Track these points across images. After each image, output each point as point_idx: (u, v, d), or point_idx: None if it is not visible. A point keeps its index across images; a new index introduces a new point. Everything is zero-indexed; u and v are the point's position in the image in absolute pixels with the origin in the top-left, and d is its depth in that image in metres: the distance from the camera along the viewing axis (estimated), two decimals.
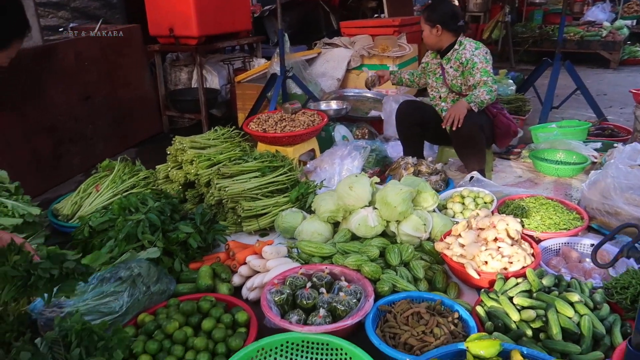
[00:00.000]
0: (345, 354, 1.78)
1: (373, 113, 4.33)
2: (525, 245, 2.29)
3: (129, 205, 2.62)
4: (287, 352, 1.83)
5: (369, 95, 4.62)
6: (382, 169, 3.43)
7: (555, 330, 1.74)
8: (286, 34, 4.21)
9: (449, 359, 1.67)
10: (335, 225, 2.71)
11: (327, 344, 1.82)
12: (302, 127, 3.31)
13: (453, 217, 2.74)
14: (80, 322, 1.67)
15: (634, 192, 2.52)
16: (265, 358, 1.79)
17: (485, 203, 2.80)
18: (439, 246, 2.34)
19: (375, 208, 2.55)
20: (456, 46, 3.18)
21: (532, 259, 2.21)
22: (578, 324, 1.77)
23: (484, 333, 1.75)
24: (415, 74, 3.52)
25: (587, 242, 2.42)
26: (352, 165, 3.30)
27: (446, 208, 2.82)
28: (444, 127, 3.00)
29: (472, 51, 3.11)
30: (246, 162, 3.04)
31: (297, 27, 6.11)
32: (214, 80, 5.02)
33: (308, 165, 3.24)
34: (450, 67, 3.19)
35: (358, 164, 3.31)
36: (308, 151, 3.44)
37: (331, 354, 1.82)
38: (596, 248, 1.10)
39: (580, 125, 3.89)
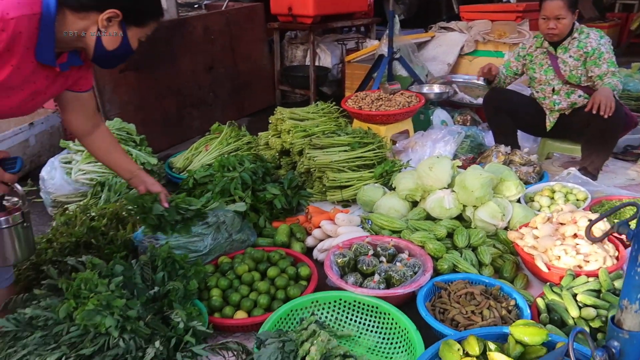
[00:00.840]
0: (392, 319, 1.88)
1: (479, 100, 4.20)
2: (609, 246, 2.16)
3: (228, 164, 2.93)
4: (338, 308, 1.98)
5: (478, 82, 4.47)
6: (475, 156, 3.36)
7: None
8: (397, 16, 4.24)
9: (491, 339, 1.68)
10: (414, 204, 2.75)
11: (377, 307, 1.93)
12: (397, 107, 3.36)
13: (539, 210, 2.63)
14: (167, 252, 1.97)
15: None
16: (318, 310, 1.96)
17: (577, 200, 2.64)
18: (512, 235, 2.29)
19: (454, 191, 2.55)
20: (576, 34, 2.97)
21: (614, 261, 2.08)
22: None
23: (532, 321, 1.72)
24: (507, 72, 3.29)
25: None
26: (444, 149, 3.28)
27: (533, 201, 2.71)
28: (588, 111, 2.68)
29: (597, 40, 2.90)
30: (338, 136, 3.20)
31: (416, 10, 6.05)
32: (326, 59, 5.23)
33: (397, 145, 3.30)
34: (570, 56, 2.98)
35: (450, 148, 3.28)
36: (402, 131, 3.48)
37: (379, 317, 1.92)
38: (592, 224, 1.05)
39: None
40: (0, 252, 1.63)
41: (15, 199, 1.67)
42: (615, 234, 2.30)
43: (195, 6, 5.11)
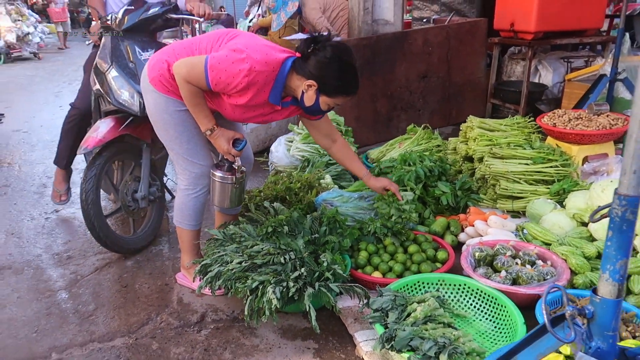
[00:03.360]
0: (507, 312, 2.03)
1: None
2: None
3: (409, 159, 3.32)
4: (462, 292, 2.20)
5: None
6: None
7: None
8: (627, 34, 3.92)
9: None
10: (584, 225, 2.69)
11: (496, 299, 2.10)
12: (595, 128, 3.22)
13: None
14: (333, 212, 2.50)
15: None
16: (443, 288, 2.22)
17: None
18: None
19: None
20: None
21: None
22: None
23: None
24: None
25: None
26: None
27: None
28: None
29: None
30: (523, 149, 3.26)
31: None
32: (547, 76, 5.08)
33: (585, 166, 3.17)
34: None
35: None
36: (600, 154, 3.31)
37: (496, 308, 2.09)
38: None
39: None
40: (222, 199, 2.38)
41: (238, 164, 2.40)
42: None
43: (424, 20, 5.58)
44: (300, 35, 5.18)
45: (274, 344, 2.10)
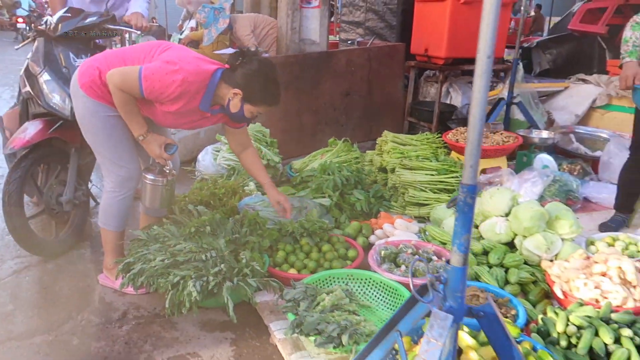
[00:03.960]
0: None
1: (597, 153, 4.20)
2: (638, 291, 2.25)
3: (329, 169, 3.59)
4: (368, 285, 2.46)
5: (604, 136, 4.44)
6: (562, 201, 3.46)
7: (580, 345, 1.86)
8: (520, 63, 4.48)
9: (474, 329, 2.00)
10: (475, 227, 3.06)
11: (396, 290, 2.37)
12: (491, 144, 3.66)
13: (593, 253, 2.73)
14: (254, 215, 2.69)
15: None
16: (351, 282, 2.47)
17: (637, 251, 2.68)
18: (545, 263, 2.50)
19: (508, 220, 2.82)
20: None
21: (634, 304, 2.18)
22: (610, 352, 1.83)
23: (510, 321, 2.01)
24: None
25: None
26: (530, 190, 3.47)
27: (592, 244, 2.81)
28: None
29: None
30: (429, 162, 3.63)
31: (565, 61, 6.05)
32: (457, 98, 5.60)
33: (481, 177, 3.58)
34: None
35: (537, 190, 3.46)
36: (493, 167, 3.74)
37: (398, 299, 2.36)
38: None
39: None
40: (153, 200, 2.52)
41: (169, 168, 2.54)
42: None
43: (349, 42, 5.96)
44: (230, 50, 5.36)
45: (194, 335, 2.24)
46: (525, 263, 2.65)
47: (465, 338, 1.82)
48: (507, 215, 2.86)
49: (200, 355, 2.11)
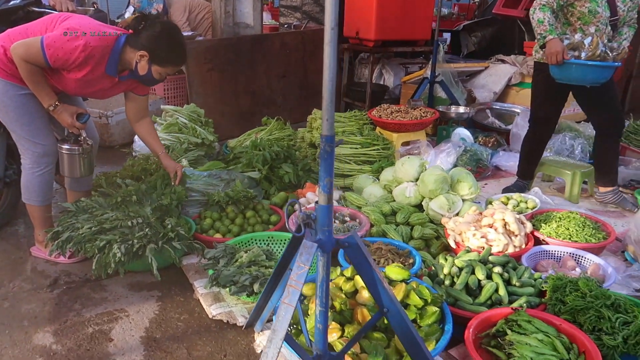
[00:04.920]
0: None
1: (510, 126, 4.59)
2: (518, 239, 2.59)
3: (259, 145, 3.79)
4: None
5: (517, 110, 4.84)
6: (473, 169, 3.81)
7: (458, 282, 2.17)
8: (441, 45, 4.80)
9: None
10: (390, 192, 3.35)
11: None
12: (410, 119, 3.96)
13: None
14: (182, 192, 2.87)
15: None
16: (272, 244, 2.69)
17: (527, 208, 3.04)
18: (443, 220, 2.81)
19: (417, 184, 3.12)
20: None
21: (514, 250, 2.52)
22: (482, 286, 2.15)
23: (402, 266, 2.29)
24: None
25: (591, 258, 2.53)
26: (445, 159, 3.80)
27: (491, 204, 3.15)
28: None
29: None
30: (354, 136, 3.89)
31: (489, 42, 6.46)
32: (390, 79, 5.90)
33: (401, 149, 3.89)
34: None
35: (451, 159, 3.79)
36: (414, 140, 4.06)
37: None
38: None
39: None
40: (72, 169, 2.63)
41: (84, 136, 2.65)
42: (540, 235, 2.73)
43: (285, 26, 6.14)
44: None
45: (122, 295, 2.41)
46: (432, 222, 2.97)
47: (361, 280, 2.08)
48: (416, 180, 3.16)
49: (127, 310, 2.29)
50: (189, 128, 4.06)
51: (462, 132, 4.33)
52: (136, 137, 4.22)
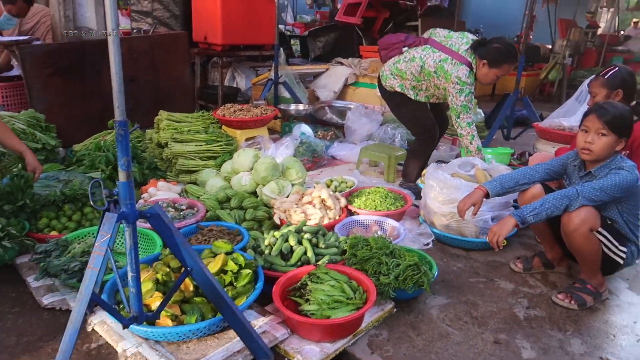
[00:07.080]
0: (153, 242, 2.76)
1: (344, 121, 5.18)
2: (332, 212, 3.04)
3: (104, 147, 3.86)
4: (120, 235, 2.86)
5: (352, 107, 5.44)
6: (309, 159, 4.27)
7: (274, 249, 2.54)
8: (281, 49, 5.25)
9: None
10: (229, 182, 3.65)
11: (147, 235, 2.81)
12: (251, 116, 4.32)
13: None
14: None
15: (443, 193, 3.09)
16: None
17: (347, 187, 3.55)
18: (273, 201, 3.19)
19: (251, 173, 3.46)
20: None
21: (329, 221, 2.96)
22: (294, 251, 2.54)
23: (228, 242, 2.61)
24: None
25: (391, 222, 3.07)
26: (284, 151, 4.20)
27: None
28: None
29: None
30: (199, 134, 4.14)
31: (332, 47, 7.11)
32: (242, 81, 6.23)
33: (242, 144, 4.23)
34: None
35: (289, 151, 4.21)
36: (256, 136, 4.42)
37: (149, 242, 2.80)
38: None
39: (505, 152, 4.32)
40: None
41: None
42: (353, 208, 3.21)
43: (135, 31, 6.16)
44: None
45: None
46: (266, 205, 3.32)
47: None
48: (251, 169, 3.50)
49: None
50: (28, 134, 3.98)
51: (304, 127, 4.79)
52: None
